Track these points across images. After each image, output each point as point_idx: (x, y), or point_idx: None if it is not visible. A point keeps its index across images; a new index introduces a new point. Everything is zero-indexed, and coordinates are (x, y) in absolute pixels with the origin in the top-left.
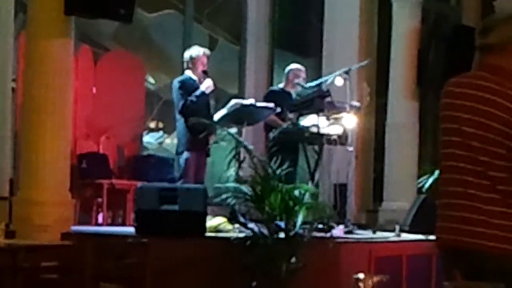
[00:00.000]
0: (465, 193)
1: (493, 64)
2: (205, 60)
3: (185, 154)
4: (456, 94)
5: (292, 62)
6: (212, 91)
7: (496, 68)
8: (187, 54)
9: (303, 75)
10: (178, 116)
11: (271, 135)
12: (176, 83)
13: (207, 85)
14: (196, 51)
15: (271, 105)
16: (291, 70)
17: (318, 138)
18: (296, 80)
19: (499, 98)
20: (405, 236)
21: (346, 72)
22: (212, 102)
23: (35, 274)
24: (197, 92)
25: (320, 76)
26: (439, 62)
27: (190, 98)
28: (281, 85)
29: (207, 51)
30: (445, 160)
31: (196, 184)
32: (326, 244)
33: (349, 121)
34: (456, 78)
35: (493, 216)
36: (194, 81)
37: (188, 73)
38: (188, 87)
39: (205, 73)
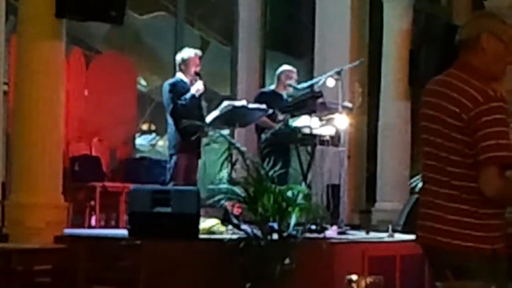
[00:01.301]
0: (430, 190)
1: (462, 60)
2: (197, 61)
3: (175, 157)
4: (429, 91)
5: (284, 63)
6: (202, 94)
7: (464, 64)
8: (178, 57)
9: (294, 76)
10: (169, 119)
11: (264, 136)
12: (166, 85)
13: (197, 87)
14: (187, 52)
15: (263, 106)
16: (282, 71)
17: (311, 139)
18: (288, 82)
19: (457, 95)
20: (398, 236)
21: (338, 73)
22: (204, 103)
23: (29, 277)
24: (187, 95)
25: (312, 77)
26: (430, 62)
27: (180, 101)
28: (272, 87)
29: (199, 52)
30: (422, 158)
31: (187, 186)
32: (319, 245)
33: (342, 122)
34: (438, 76)
35: (449, 212)
36: (185, 83)
37: (180, 75)
38: (178, 89)
39: (198, 75)
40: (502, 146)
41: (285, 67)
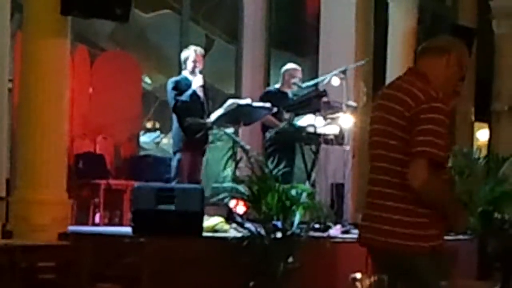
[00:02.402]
0: (374, 192)
1: (414, 68)
2: (199, 58)
3: (178, 155)
4: (381, 95)
5: (289, 62)
6: (204, 90)
7: (415, 70)
8: (182, 55)
9: (299, 75)
10: (173, 116)
11: (268, 135)
12: (169, 83)
13: (196, 82)
14: (190, 51)
15: (268, 105)
16: (287, 70)
17: (315, 138)
18: (293, 80)
19: (401, 94)
20: None
21: (343, 72)
22: (209, 102)
23: (33, 274)
24: (188, 92)
25: (316, 76)
26: None
27: (180, 98)
28: (277, 85)
29: (201, 50)
30: (369, 161)
31: (190, 184)
32: (323, 244)
33: (346, 121)
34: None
35: (389, 211)
36: (190, 81)
37: (185, 73)
38: (181, 87)
39: (200, 73)
40: (434, 143)
41: (290, 65)
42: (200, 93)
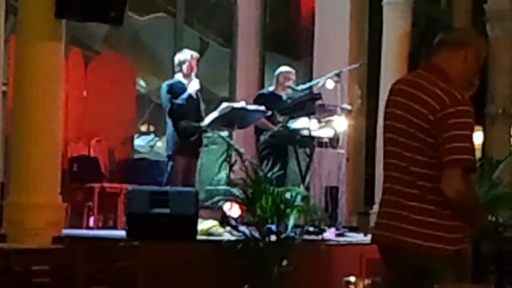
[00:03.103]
0: (393, 189)
1: (432, 62)
2: (194, 63)
3: (172, 159)
4: (397, 91)
5: (283, 64)
6: (199, 94)
7: (433, 66)
8: (176, 58)
9: (293, 77)
10: (167, 120)
11: (262, 138)
12: (164, 86)
13: (192, 86)
14: (184, 54)
15: (262, 108)
16: (280, 72)
17: (309, 141)
18: (287, 83)
19: (423, 95)
20: None
21: (337, 75)
22: (202, 105)
23: (27, 278)
24: (184, 95)
25: (311, 79)
26: None
27: (176, 101)
28: (271, 88)
29: (196, 54)
30: (384, 158)
31: (185, 187)
32: (317, 247)
33: (340, 124)
34: (404, 76)
35: (413, 211)
36: (183, 84)
37: (178, 76)
38: (176, 90)
39: (196, 77)
40: (467, 149)
41: (283, 68)
42: (196, 96)
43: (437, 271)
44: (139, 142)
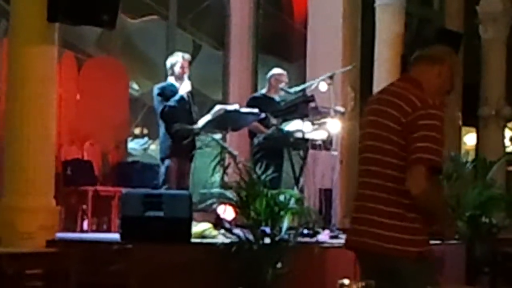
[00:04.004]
0: (365, 195)
1: (408, 75)
2: (185, 64)
3: (166, 162)
4: (372, 100)
5: (276, 67)
6: (191, 96)
7: (410, 77)
8: (168, 62)
9: (285, 79)
10: (160, 123)
11: (256, 140)
12: (156, 89)
13: (184, 87)
14: (176, 57)
15: (256, 110)
16: (272, 75)
17: (303, 143)
18: (280, 85)
19: (397, 99)
20: None
21: (330, 77)
22: (195, 108)
23: (20, 281)
24: (176, 97)
25: (304, 81)
26: None
27: (168, 103)
28: (263, 91)
29: (187, 56)
30: (358, 165)
31: (179, 190)
32: (311, 249)
33: (334, 126)
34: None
35: (381, 215)
36: (175, 87)
37: (171, 79)
38: (167, 93)
39: (189, 79)
40: (434, 150)
41: (276, 70)
42: (188, 98)
43: (405, 274)
44: (133, 145)
